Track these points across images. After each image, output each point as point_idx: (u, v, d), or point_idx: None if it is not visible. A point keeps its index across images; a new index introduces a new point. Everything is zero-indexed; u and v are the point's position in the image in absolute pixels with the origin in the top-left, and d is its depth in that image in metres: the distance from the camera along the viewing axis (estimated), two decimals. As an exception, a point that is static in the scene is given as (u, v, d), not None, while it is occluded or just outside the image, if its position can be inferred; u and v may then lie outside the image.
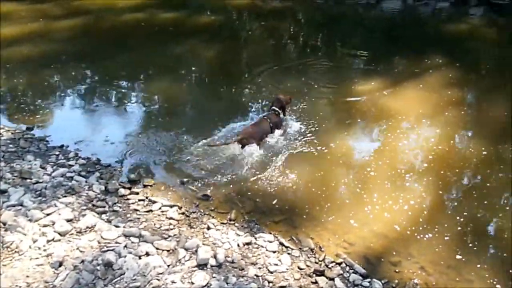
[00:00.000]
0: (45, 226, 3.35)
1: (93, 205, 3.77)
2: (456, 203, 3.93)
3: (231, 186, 4.16)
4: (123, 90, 6.52)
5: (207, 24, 10.02)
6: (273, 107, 4.94)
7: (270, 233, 3.57)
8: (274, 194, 4.05)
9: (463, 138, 4.91)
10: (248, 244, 3.40)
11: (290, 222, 3.74)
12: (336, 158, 4.56)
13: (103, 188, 4.07)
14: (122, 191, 4.03)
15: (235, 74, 7.11)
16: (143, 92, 6.49)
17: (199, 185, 4.18)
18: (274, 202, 3.96)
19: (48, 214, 3.49)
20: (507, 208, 3.87)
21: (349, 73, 7.11)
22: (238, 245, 3.37)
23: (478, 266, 3.24)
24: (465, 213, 3.76)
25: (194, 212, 3.80)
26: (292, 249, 3.41)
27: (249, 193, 4.08)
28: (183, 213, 3.77)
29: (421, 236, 3.51)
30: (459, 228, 3.60)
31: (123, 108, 5.95)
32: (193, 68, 7.22)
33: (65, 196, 3.81)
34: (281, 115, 4.95)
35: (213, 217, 3.76)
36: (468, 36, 9.26)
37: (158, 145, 4.87)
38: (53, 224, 3.37)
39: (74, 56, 7.63)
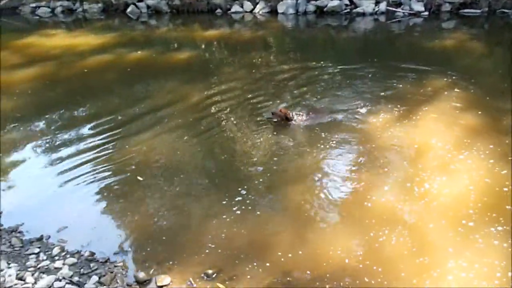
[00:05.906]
0: None
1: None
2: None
3: (271, 272, 3.31)
4: (107, 152, 5.29)
5: (182, 60, 9.23)
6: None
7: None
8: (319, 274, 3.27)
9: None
10: None
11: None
12: (382, 219, 3.84)
13: (106, 298, 3.13)
14: (132, 300, 3.09)
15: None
16: (133, 153, 5.20)
17: (229, 277, 3.30)
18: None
19: None
20: None
21: (351, 100, 6.48)
22: None
23: None
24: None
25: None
26: None
27: (289, 279, 3.26)
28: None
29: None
30: None
31: (107, 176, 4.82)
32: (179, 116, 6.24)
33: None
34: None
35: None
36: (459, 51, 8.99)
37: (162, 225, 3.95)
38: None
39: (37, 111, 6.61)
